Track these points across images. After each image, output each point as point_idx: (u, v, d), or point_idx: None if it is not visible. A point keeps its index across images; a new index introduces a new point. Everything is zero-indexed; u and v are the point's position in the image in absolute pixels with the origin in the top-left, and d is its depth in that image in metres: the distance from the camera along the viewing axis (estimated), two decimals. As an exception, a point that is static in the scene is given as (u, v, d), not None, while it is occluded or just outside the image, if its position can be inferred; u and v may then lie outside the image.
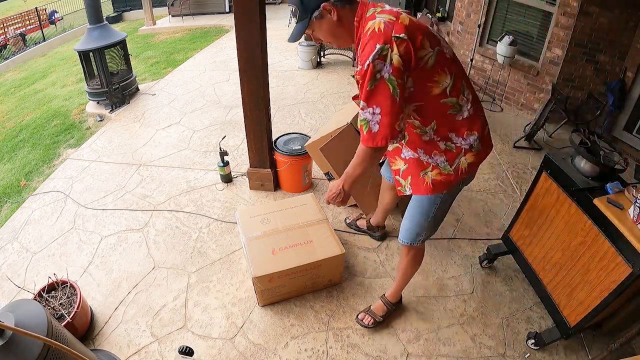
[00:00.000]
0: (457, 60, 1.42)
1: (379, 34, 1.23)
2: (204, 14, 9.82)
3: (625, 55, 3.57)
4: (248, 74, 2.44)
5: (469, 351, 1.89)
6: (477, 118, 1.42)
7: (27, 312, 1.25)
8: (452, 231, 2.60)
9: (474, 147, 1.43)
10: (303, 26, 1.37)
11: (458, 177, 1.48)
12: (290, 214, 2.23)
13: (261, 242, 2.06)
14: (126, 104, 4.44)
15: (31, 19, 11.33)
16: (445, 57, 1.34)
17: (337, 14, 1.34)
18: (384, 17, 1.27)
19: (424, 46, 1.27)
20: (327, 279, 2.11)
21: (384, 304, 1.98)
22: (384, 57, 1.21)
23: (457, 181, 1.49)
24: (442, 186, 1.51)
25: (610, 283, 1.54)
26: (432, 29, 1.37)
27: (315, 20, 1.36)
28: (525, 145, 3.64)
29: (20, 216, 2.79)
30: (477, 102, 1.45)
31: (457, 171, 1.46)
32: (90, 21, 4.12)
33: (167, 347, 1.89)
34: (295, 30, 1.40)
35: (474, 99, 1.43)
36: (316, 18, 1.35)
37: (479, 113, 1.44)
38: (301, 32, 1.39)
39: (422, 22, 1.38)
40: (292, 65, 5.69)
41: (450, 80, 1.34)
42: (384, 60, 1.22)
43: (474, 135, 1.42)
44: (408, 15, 1.32)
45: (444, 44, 1.37)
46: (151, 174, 3.18)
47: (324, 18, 1.36)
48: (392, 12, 1.31)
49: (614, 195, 1.61)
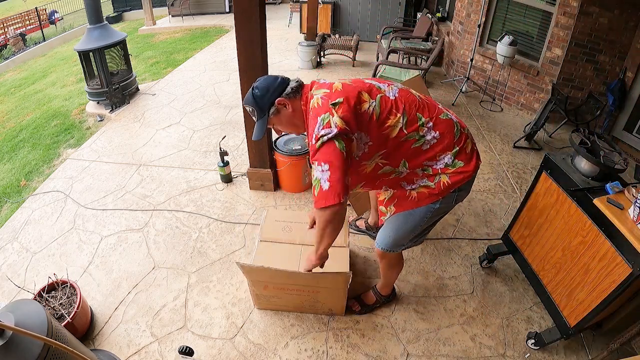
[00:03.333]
0: (407, 93, 1.45)
1: (319, 108, 1.33)
2: (204, 14, 9.83)
3: (625, 55, 3.57)
4: (248, 73, 2.44)
5: (469, 351, 1.89)
6: (445, 139, 1.43)
7: (27, 312, 1.25)
8: (452, 231, 2.61)
9: (450, 165, 1.45)
10: (263, 123, 1.46)
11: (442, 190, 1.47)
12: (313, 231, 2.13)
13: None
14: (126, 104, 4.44)
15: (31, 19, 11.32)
16: (390, 100, 1.40)
17: (291, 106, 1.43)
18: (320, 93, 1.37)
19: (362, 99, 1.35)
20: (327, 307, 1.98)
21: (374, 295, 2.04)
22: (327, 124, 1.29)
23: (441, 194, 1.48)
24: (425, 198, 1.50)
25: (610, 283, 1.53)
26: (373, 82, 1.44)
27: (273, 116, 1.45)
28: (525, 145, 3.64)
29: (20, 216, 2.79)
30: (444, 123, 1.44)
31: (440, 185, 1.46)
32: (90, 21, 4.12)
33: (167, 347, 1.89)
34: (256, 129, 1.48)
35: (438, 122, 1.43)
36: (273, 114, 1.44)
37: (449, 134, 1.44)
38: (262, 129, 1.47)
39: (360, 80, 1.46)
40: (292, 65, 5.69)
41: (403, 119, 1.38)
42: (329, 126, 1.29)
43: (447, 155, 1.44)
44: (341, 81, 1.42)
45: (387, 89, 1.42)
46: (151, 174, 3.18)
47: (281, 112, 1.45)
48: (326, 85, 1.41)
49: (614, 195, 1.61)
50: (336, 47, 5.75)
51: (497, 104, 4.49)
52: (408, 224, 1.59)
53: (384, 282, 1.99)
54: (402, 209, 1.58)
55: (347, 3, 6.84)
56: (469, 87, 4.77)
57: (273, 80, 1.45)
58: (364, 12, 6.84)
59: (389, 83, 1.48)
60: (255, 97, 1.43)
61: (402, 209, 1.57)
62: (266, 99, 1.42)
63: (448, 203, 1.53)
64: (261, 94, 1.42)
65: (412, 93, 1.48)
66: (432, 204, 1.50)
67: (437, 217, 1.60)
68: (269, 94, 1.41)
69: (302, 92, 1.45)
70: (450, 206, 1.57)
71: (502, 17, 4.43)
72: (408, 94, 1.46)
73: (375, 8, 6.72)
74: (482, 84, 4.65)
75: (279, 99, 1.41)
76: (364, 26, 6.97)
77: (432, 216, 1.55)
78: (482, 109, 4.38)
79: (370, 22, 6.89)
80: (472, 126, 3.97)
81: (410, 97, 1.45)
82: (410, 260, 2.36)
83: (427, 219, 1.56)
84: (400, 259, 1.86)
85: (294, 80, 1.47)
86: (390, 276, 1.93)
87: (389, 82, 1.50)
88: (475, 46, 4.51)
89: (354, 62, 5.67)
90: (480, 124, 4.03)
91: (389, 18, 6.70)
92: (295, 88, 1.44)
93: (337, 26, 7.07)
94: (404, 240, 1.66)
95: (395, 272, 1.91)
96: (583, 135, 1.83)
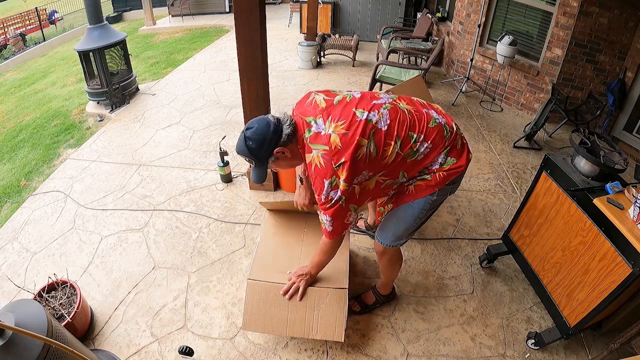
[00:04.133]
0: (396, 113, 1.42)
1: (322, 170, 1.36)
2: (204, 14, 9.83)
3: (625, 55, 3.57)
4: (248, 74, 2.44)
5: (469, 351, 1.89)
6: (437, 146, 1.45)
7: (27, 312, 1.25)
8: (452, 231, 2.61)
9: (444, 163, 1.48)
10: (262, 169, 1.47)
11: (438, 182, 1.50)
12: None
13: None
14: (126, 104, 4.44)
15: (31, 19, 11.33)
16: (382, 132, 1.39)
17: (289, 152, 1.44)
18: (319, 149, 1.36)
19: (360, 144, 1.35)
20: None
21: (373, 294, 2.04)
22: (335, 186, 1.36)
23: (438, 186, 1.50)
24: (423, 191, 1.53)
25: (610, 283, 1.53)
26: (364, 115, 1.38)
27: (272, 162, 1.45)
28: (525, 145, 3.64)
29: (20, 216, 2.79)
30: (433, 131, 1.45)
31: (436, 177, 1.49)
32: (90, 21, 4.12)
33: (167, 347, 1.89)
34: (255, 175, 1.49)
35: (428, 132, 1.44)
36: (272, 161, 1.45)
37: (439, 139, 1.45)
38: (263, 175, 1.49)
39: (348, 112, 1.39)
40: (292, 65, 5.69)
41: (397, 143, 1.40)
42: (337, 187, 1.36)
43: (440, 156, 1.47)
44: (336, 129, 1.36)
45: (377, 117, 1.39)
46: (151, 174, 3.18)
47: (279, 159, 1.45)
48: (322, 139, 1.37)
49: (614, 195, 1.61)
50: (336, 47, 5.75)
51: (497, 104, 4.49)
52: (407, 217, 1.61)
53: (384, 280, 1.99)
54: (400, 203, 1.60)
55: (347, 3, 6.84)
56: (469, 87, 4.77)
57: (266, 129, 1.37)
58: (364, 12, 6.84)
59: (377, 106, 1.42)
60: (250, 149, 1.39)
61: (400, 203, 1.60)
62: (263, 150, 1.39)
63: (444, 195, 1.57)
64: (257, 146, 1.38)
65: (401, 109, 1.44)
66: (429, 195, 1.53)
67: (434, 209, 1.63)
68: (266, 145, 1.38)
69: (296, 135, 1.42)
70: (444, 198, 1.61)
71: (502, 17, 4.43)
72: (397, 113, 1.42)
73: (375, 8, 6.72)
74: (482, 84, 4.65)
75: (277, 149, 1.39)
76: (364, 26, 6.97)
77: (430, 208, 1.58)
78: (482, 109, 4.38)
79: (370, 22, 6.89)
80: (472, 126, 3.97)
81: (400, 117, 1.42)
82: (410, 260, 2.36)
83: (425, 211, 1.58)
84: (400, 256, 1.87)
85: (285, 122, 1.40)
86: (390, 274, 1.93)
87: (376, 102, 1.43)
88: (475, 46, 4.51)
89: (354, 62, 5.67)
90: (480, 124, 4.03)
91: (389, 18, 6.70)
92: (291, 134, 1.40)
93: (337, 26, 7.07)
94: (404, 233, 1.67)
95: (395, 270, 1.92)
96: (583, 135, 1.83)
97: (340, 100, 1.45)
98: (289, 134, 1.39)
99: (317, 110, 1.43)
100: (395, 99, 1.51)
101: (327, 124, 1.39)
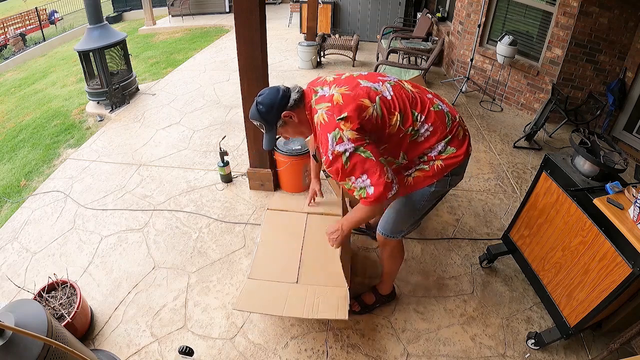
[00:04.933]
0: (400, 89, 1.50)
1: (326, 125, 1.39)
2: (204, 14, 9.83)
3: (625, 55, 3.57)
4: (248, 73, 2.44)
5: (469, 351, 1.89)
6: (438, 131, 1.49)
7: (27, 312, 1.25)
8: (452, 231, 2.61)
9: (443, 152, 1.52)
10: (272, 135, 1.55)
11: (436, 173, 1.53)
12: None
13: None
14: (126, 104, 4.44)
15: (31, 19, 11.32)
16: (388, 100, 1.45)
17: (297, 117, 1.51)
18: (322, 107, 1.43)
19: (364, 106, 1.40)
20: None
21: (373, 295, 2.06)
22: (340, 139, 1.36)
23: (436, 177, 1.54)
24: (421, 182, 1.57)
25: (610, 283, 1.53)
26: (368, 83, 1.46)
27: (280, 127, 1.53)
28: (525, 145, 3.64)
29: (20, 216, 2.79)
30: (435, 114, 1.49)
31: (434, 168, 1.53)
32: (90, 21, 4.12)
33: (167, 347, 1.89)
34: (266, 140, 1.58)
35: (430, 114, 1.49)
36: (280, 126, 1.53)
37: (441, 125, 1.50)
38: (272, 139, 1.58)
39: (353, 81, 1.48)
40: (292, 65, 5.69)
41: (399, 116, 1.44)
42: (342, 141, 1.36)
43: (441, 144, 1.51)
44: (339, 91, 1.43)
45: (382, 88, 1.46)
46: (151, 174, 3.18)
47: (288, 124, 1.53)
48: (326, 98, 1.44)
49: (614, 195, 1.61)
50: (336, 47, 5.75)
51: (497, 104, 4.49)
52: (407, 207, 1.66)
53: (384, 277, 2.00)
54: (400, 194, 1.62)
55: (347, 3, 6.84)
56: (469, 87, 4.77)
57: (275, 94, 1.49)
58: (364, 12, 6.84)
59: (381, 80, 1.51)
60: (260, 112, 1.49)
61: (401, 194, 1.62)
62: (272, 113, 1.48)
63: (443, 187, 1.60)
64: (267, 110, 1.48)
65: (405, 87, 1.52)
66: (428, 187, 1.57)
67: (434, 200, 1.67)
68: (275, 109, 1.48)
69: (304, 101, 1.51)
70: (444, 190, 1.64)
71: (502, 17, 4.43)
72: (401, 89, 1.50)
73: (375, 8, 6.72)
74: (482, 84, 4.65)
75: (285, 112, 1.48)
76: (364, 26, 6.97)
77: (429, 199, 1.62)
78: (482, 109, 4.38)
79: (370, 22, 6.89)
80: (472, 126, 3.97)
81: (403, 92, 1.49)
82: (410, 260, 2.36)
83: (424, 202, 1.63)
84: (401, 250, 1.90)
85: (294, 90, 1.52)
86: (391, 267, 1.94)
87: (380, 78, 1.53)
88: (475, 46, 4.51)
89: (354, 62, 5.67)
90: (480, 124, 4.03)
91: (389, 18, 6.70)
92: (298, 99, 1.50)
93: (337, 26, 7.07)
94: (404, 224, 1.72)
95: (397, 263, 1.93)
96: (583, 135, 1.83)
97: (348, 75, 1.55)
98: (296, 99, 1.49)
99: (325, 82, 1.54)
100: (400, 80, 1.58)
101: (331, 89, 1.48)
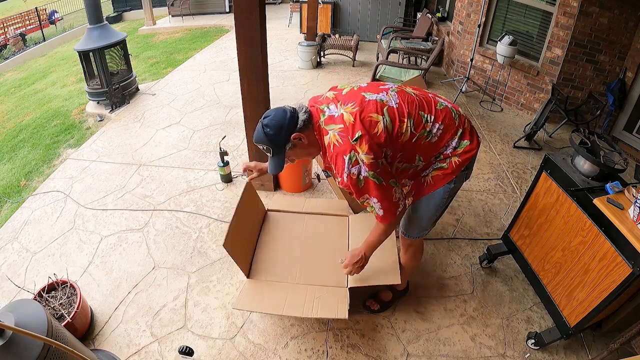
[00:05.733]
0: (404, 94, 1.48)
1: (341, 147, 1.38)
2: (204, 14, 9.83)
3: (625, 55, 3.57)
4: (248, 74, 2.44)
5: (469, 351, 1.89)
6: (449, 128, 1.49)
7: (27, 312, 1.25)
8: (452, 231, 2.60)
9: (457, 147, 1.52)
10: (280, 158, 1.49)
11: (455, 169, 1.53)
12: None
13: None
14: (126, 104, 4.44)
15: (31, 19, 11.32)
16: (394, 109, 1.42)
17: (306, 139, 1.46)
18: (335, 129, 1.40)
19: (376, 121, 1.38)
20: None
21: (390, 292, 2.07)
22: (355, 162, 1.36)
23: (455, 173, 1.54)
24: (441, 180, 1.57)
25: (610, 283, 1.53)
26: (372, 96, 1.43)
27: (289, 150, 1.47)
28: (525, 145, 3.64)
29: (20, 216, 2.79)
30: (442, 112, 1.49)
31: (452, 164, 1.53)
32: (90, 21, 4.12)
33: (167, 347, 1.89)
34: (274, 164, 1.51)
35: (438, 113, 1.48)
36: (289, 148, 1.47)
37: (450, 121, 1.50)
38: (281, 163, 1.51)
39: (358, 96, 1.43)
40: (292, 65, 5.69)
41: (409, 121, 1.43)
42: (358, 164, 1.36)
43: (453, 140, 1.51)
44: (347, 111, 1.40)
45: (387, 97, 1.44)
46: (151, 174, 3.18)
47: (297, 146, 1.47)
48: (336, 119, 1.41)
49: (614, 195, 1.61)
50: (336, 47, 5.75)
51: (497, 104, 4.49)
52: (430, 208, 1.65)
53: (404, 275, 1.97)
54: (420, 196, 1.62)
55: (347, 3, 6.84)
56: (469, 87, 4.77)
57: (283, 115, 1.43)
58: (364, 12, 6.83)
59: (384, 89, 1.49)
60: (268, 135, 1.42)
61: (420, 196, 1.62)
62: (281, 136, 1.42)
63: (460, 182, 1.60)
64: (275, 132, 1.42)
65: (408, 92, 1.52)
66: (448, 184, 1.56)
67: (452, 196, 1.66)
68: (283, 131, 1.42)
69: (312, 122, 1.47)
70: (461, 185, 1.64)
71: (502, 17, 4.43)
72: (405, 95, 1.49)
73: (375, 8, 6.72)
74: (482, 84, 4.65)
75: (294, 134, 1.43)
76: (364, 26, 6.97)
77: (449, 196, 1.62)
78: (482, 109, 4.38)
79: (370, 22, 6.89)
80: (472, 126, 3.97)
81: (408, 97, 1.48)
82: (410, 260, 2.36)
83: (445, 199, 1.62)
84: (422, 245, 1.92)
85: (301, 110, 1.46)
86: (413, 264, 1.95)
87: (382, 87, 1.51)
88: (475, 46, 4.51)
89: (354, 62, 5.67)
90: (480, 124, 4.03)
91: (389, 18, 6.70)
92: (307, 120, 1.45)
93: (337, 26, 7.07)
94: (429, 224, 1.73)
95: (418, 260, 1.95)
96: (583, 135, 1.83)
97: (348, 90, 1.51)
98: (304, 120, 1.44)
99: (329, 100, 1.50)
100: (401, 85, 1.58)
101: (338, 108, 1.44)
